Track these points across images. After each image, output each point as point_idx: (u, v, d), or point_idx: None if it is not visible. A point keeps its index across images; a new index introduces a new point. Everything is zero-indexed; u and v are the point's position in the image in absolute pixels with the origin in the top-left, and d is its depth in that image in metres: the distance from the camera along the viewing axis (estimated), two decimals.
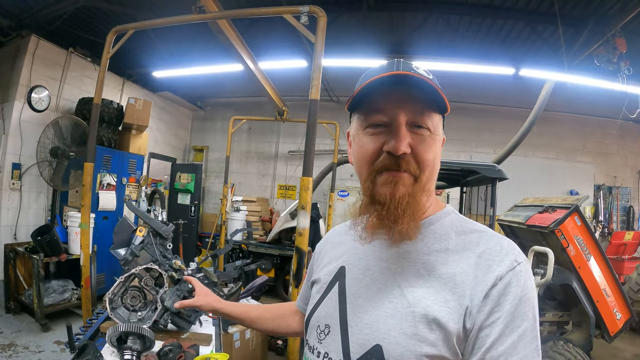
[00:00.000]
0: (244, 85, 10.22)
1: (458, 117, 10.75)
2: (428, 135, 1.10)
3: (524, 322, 0.98)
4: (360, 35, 8.30)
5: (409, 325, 1.02)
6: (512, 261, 1.03)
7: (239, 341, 4.59)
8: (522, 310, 0.98)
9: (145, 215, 3.29)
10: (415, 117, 1.09)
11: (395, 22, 8.21)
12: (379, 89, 1.09)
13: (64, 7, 7.18)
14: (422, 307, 1.03)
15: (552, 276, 4.69)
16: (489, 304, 0.98)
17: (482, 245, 1.08)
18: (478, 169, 5.31)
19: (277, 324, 1.76)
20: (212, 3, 4.44)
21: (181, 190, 11.06)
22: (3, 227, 7.26)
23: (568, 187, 10.60)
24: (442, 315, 1.00)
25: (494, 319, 0.97)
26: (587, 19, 7.06)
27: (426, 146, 1.10)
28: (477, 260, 1.05)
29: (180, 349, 2.45)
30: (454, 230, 1.15)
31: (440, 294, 1.03)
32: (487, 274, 1.01)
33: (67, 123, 7.34)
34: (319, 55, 3.94)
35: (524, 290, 1.00)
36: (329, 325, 1.20)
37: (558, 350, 5.02)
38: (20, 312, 6.94)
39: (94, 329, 2.86)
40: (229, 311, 1.77)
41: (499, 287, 0.99)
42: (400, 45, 8.30)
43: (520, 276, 1.01)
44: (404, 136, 1.07)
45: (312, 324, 1.28)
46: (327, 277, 1.32)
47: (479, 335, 0.98)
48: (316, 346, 1.23)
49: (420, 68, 1.12)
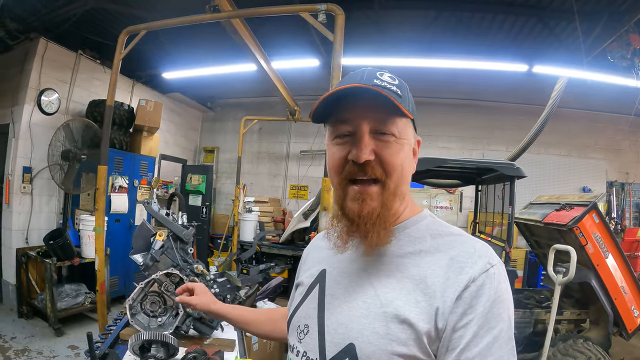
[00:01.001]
0: (254, 86, 10.21)
1: (470, 115, 10.78)
2: (393, 140, 1.13)
3: (499, 324, 0.99)
4: (371, 34, 8.27)
5: (381, 325, 1.05)
6: (486, 263, 1.05)
7: (257, 344, 4.56)
8: (496, 311, 1.00)
9: (165, 219, 3.24)
10: (379, 124, 1.12)
11: (407, 20, 8.16)
12: (342, 101, 1.13)
13: (72, 9, 7.16)
14: (394, 307, 1.05)
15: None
16: (462, 306, 1.00)
17: (456, 248, 1.10)
18: (496, 167, 5.24)
19: (272, 328, 1.78)
20: (226, 2, 4.40)
21: (192, 192, 11.08)
22: (14, 231, 7.24)
23: (580, 184, 10.51)
24: (413, 316, 1.02)
25: (467, 321, 0.99)
26: (599, 14, 6.98)
27: (391, 152, 1.12)
28: (450, 262, 1.06)
29: (205, 356, 2.41)
30: (429, 234, 1.17)
31: (411, 295, 1.06)
32: (459, 275, 1.03)
33: (78, 125, 7.31)
34: (338, 54, 3.91)
35: (498, 292, 1.02)
36: (308, 325, 1.24)
37: (578, 348, 5.02)
38: (33, 317, 6.95)
39: (113, 336, 2.83)
40: (223, 312, 1.80)
41: (472, 289, 1.01)
42: (411, 43, 8.23)
43: (493, 278, 1.03)
44: (366, 144, 1.10)
45: (293, 324, 1.33)
46: (309, 280, 1.36)
47: (453, 337, 0.99)
48: (296, 345, 1.27)
49: (386, 74, 1.16)
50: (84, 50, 8.34)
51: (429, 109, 10.33)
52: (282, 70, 7.38)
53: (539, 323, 5.48)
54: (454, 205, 10.38)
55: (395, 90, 1.12)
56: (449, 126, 11.00)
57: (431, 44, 8.25)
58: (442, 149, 10.82)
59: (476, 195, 6.89)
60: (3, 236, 7.45)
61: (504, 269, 1.08)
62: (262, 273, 5.05)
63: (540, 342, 5.10)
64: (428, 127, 10.67)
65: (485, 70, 8.51)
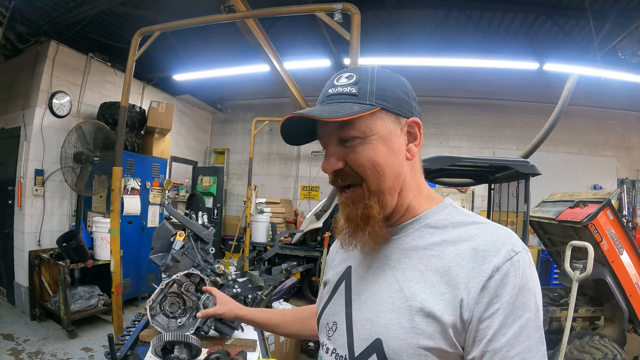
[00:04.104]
0: (264, 87, 10.25)
1: (481, 114, 10.77)
2: (359, 142, 1.13)
3: (526, 312, 0.98)
4: (383, 34, 8.27)
5: (406, 319, 1.05)
6: (509, 251, 1.03)
7: (274, 344, 4.57)
8: (523, 300, 0.99)
9: (185, 219, 3.24)
10: (340, 133, 1.14)
11: (418, 19, 8.16)
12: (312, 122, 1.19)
13: (83, 12, 7.16)
14: (419, 300, 1.05)
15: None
16: (487, 296, 0.99)
17: (479, 237, 1.08)
18: (510, 165, 5.22)
19: (300, 327, 1.80)
20: (241, 2, 4.40)
21: (203, 193, 11.12)
22: (27, 234, 7.26)
23: (591, 182, 10.47)
24: (438, 309, 1.02)
25: (493, 311, 0.98)
26: (609, 11, 6.96)
27: (357, 155, 1.13)
28: (473, 251, 1.05)
29: (228, 356, 2.41)
30: (450, 223, 1.16)
31: (435, 287, 1.05)
32: (483, 265, 1.02)
33: (90, 128, 7.34)
34: (355, 53, 3.91)
35: (524, 280, 1.00)
36: (336, 322, 1.26)
37: (595, 345, 5.00)
38: (46, 319, 6.98)
39: (133, 337, 2.83)
40: (251, 317, 1.84)
41: (496, 278, 1.00)
42: (422, 42, 8.23)
43: (518, 266, 1.01)
44: (329, 155, 1.17)
45: (322, 322, 1.34)
46: (335, 277, 1.38)
47: (479, 327, 0.99)
48: (326, 343, 1.28)
49: (343, 75, 1.18)
50: (94, 52, 8.37)
51: (440, 108, 10.36)
52: (293, 70, 7.38)
53: (554, 321, 5.46)
54: (466, 204, 10.34)
55: (349, 90, 1.14)
56: (460, 125, 11.01)
57: (442, 43, 8.25)
58: (454, 147, 10.84)
59: (489, 194, 6.86)
60: (15, 239, 7.48)
61: (529, 255, 1.07)
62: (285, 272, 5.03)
63: (555, 339, 5.08)
64: (439, 126, 10.69)
65: (496, 69, 8.50)
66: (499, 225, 1.13)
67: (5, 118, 7.82)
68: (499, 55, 8.11)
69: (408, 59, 8.23)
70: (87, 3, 7.00)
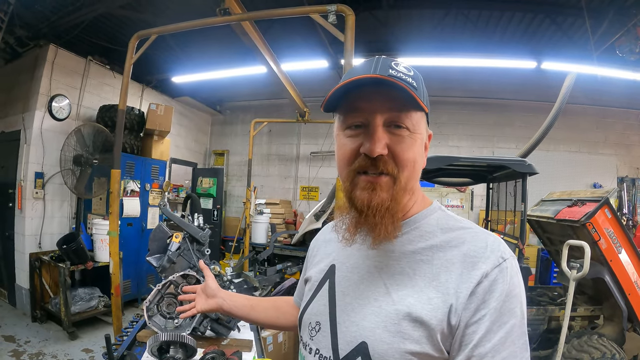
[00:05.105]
0: (263, 88, 10.24)
1: (479, 113, 10.76)
2: (407, 134, 1.10)
3: (511, 319, 0.99)
4: (380, 34, 8.27)
5: (393, 323, 1.05)
6: (498, 257, 1.04)
7: (272, 345, 4.57)
8: (509, 306, 1.00)
9: (181, 221, 3.26)
10: (393, 117, 1.09)
11: (415, 19, 8.16)
12: (355, 90, 1.09)
13: (81, 15, 7.18)
14: (406, 305, 1.05)
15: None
16: (475, 302, 1.00)
17: (468, 243, 1.09)
18: (507, 164, 5.22)
19: (276, 315, 1.75)
20: (236, 5, 4.42)
21: (203, 195, 11.13)
22: (27, 237, 7.28)
23: (591, 181, 10.45)
24: (425, 314, 1.02)
25: (480, 316, 0.99)
26: (606, 9, 6.96)
27: (405, 146, 1.10)
28: (463, 257, 1.06)
29: (223, 356, 2.42)
30: (439, 228, 1.16)
31: (424, 292, 1.05)
32: (472, 271, 1.03)
33: (90, 131, 7.35)
34: (350, 54, 3.92)
35: (511, 287, 1.02)
36: (320, 322, 1.24)
37: (593, 344, 5.00)
38: (47, 321, 7.01)
39: (130, 338, 2.84)
40: (229, 309, 1.71)
41: (485, 284, 1.01)
42: (420, 42, 8.22)
43: (506, 273, 1.03)
44: (380, 138, 1.07)
45: (304, 321, 1.32)
46: (318, 275, 1.36)
47: (466, 332, 0.99)
48: (308, 342, 1.27)
49: (401, 64, 1.13)
50: (93, 56, 8.39)
51: (438, 108, 10.33)
52: (291, 72, 7.42)
53: (552, 320, 5.46)
54: (465, 203, 10.36)
55: (411, 82, 1.08)
56: (459, 125, 10.99)
57: (439, 42, 8.23)
58: (452, 147, 10.83)
59: (487, 193, 6.87)
60: (16, 241, 7.51)
61: (517, 263, 1.08)
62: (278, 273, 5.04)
63: (554, 339, 5.10)
64: (438, 125, 10.65)
65: (494, 68, 8.49)
66: (487, 231, 1.14)
67: (5, 121, 7.85)
68: (497, 55, 8.09)
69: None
70: (85, 7, 7.02)
